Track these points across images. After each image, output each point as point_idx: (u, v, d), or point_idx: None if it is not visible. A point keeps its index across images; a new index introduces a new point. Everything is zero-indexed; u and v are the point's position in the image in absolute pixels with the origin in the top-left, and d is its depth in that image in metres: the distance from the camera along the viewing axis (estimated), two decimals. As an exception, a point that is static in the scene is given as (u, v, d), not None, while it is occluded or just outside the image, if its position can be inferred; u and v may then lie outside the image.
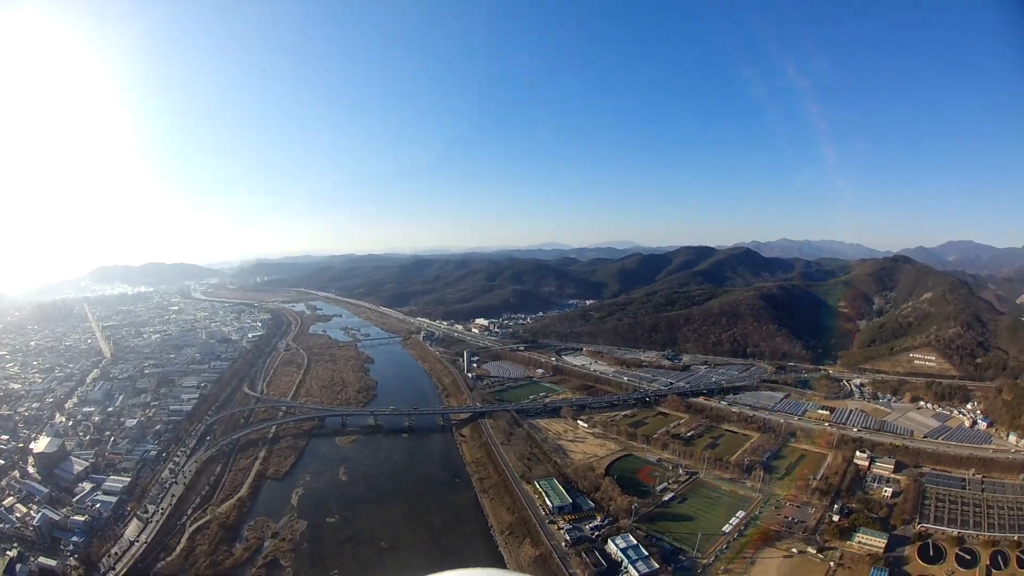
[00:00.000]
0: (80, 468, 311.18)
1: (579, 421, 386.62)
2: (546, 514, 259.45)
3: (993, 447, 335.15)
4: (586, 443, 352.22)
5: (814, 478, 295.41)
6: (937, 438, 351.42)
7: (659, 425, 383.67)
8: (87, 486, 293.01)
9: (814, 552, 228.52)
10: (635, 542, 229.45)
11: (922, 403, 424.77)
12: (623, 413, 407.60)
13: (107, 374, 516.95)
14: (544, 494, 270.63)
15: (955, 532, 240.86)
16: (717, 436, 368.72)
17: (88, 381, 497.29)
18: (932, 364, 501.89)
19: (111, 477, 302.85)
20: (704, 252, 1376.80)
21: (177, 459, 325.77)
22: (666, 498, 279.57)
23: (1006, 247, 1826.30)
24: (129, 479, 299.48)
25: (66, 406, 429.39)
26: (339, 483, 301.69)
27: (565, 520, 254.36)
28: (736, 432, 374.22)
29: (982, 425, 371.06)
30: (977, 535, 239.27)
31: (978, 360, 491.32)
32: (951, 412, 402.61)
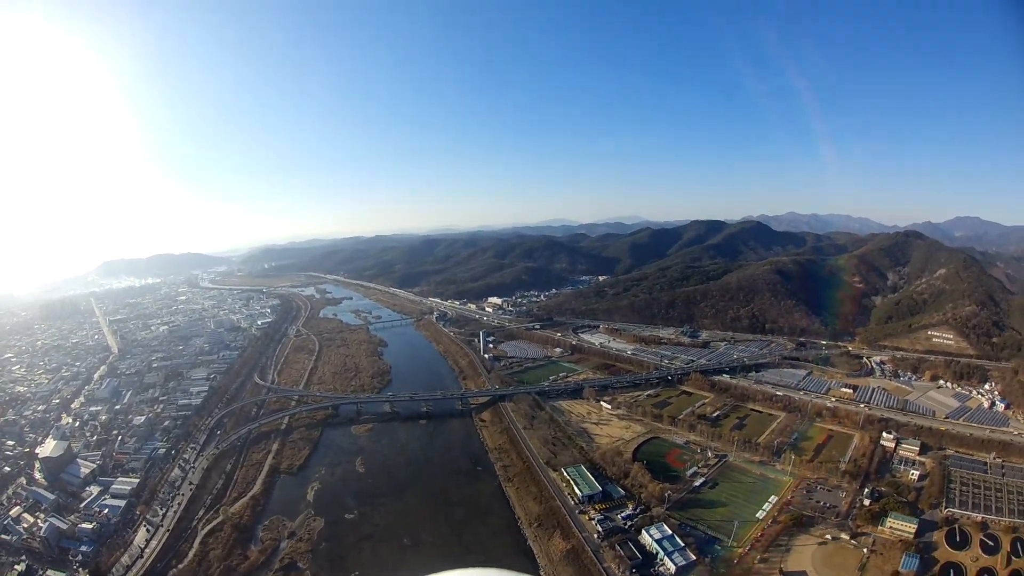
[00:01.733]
0: (87, 471, 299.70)
1: (602, 402, 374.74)
2: (576, 504, 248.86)
3: (1013, 430, 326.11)
4: (611, 425, 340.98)
5: (843, 460, 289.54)
6: (958, 419, 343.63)
7: (684, 405, 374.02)
8: (95, 490, 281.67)
9: (847, 538, 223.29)
10: (670, 532, 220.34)
11: (942, 382, 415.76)
12: (646, 393, 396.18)
13: (114, 370, 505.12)
14: (572, 482, 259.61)
15: (979, 517, 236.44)
16: (743, 416, 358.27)
17: (95, 379, 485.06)
18: (950, 342, 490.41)
19: (119, 479, 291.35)
20: (715, 226, 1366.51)
21: (187, 456, 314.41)
22: (697, 483, 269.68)
23: (1013, 224, 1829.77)
24: (138, 480, 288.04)
25: (72, 406, 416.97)
26: (356, 475, 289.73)
27: (596, 510, 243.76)
28: (761, 412, 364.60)
29: (1000, 407, 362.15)
30: (999, 520, 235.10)
31: (994, 339, 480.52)
32: (970, 392, 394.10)
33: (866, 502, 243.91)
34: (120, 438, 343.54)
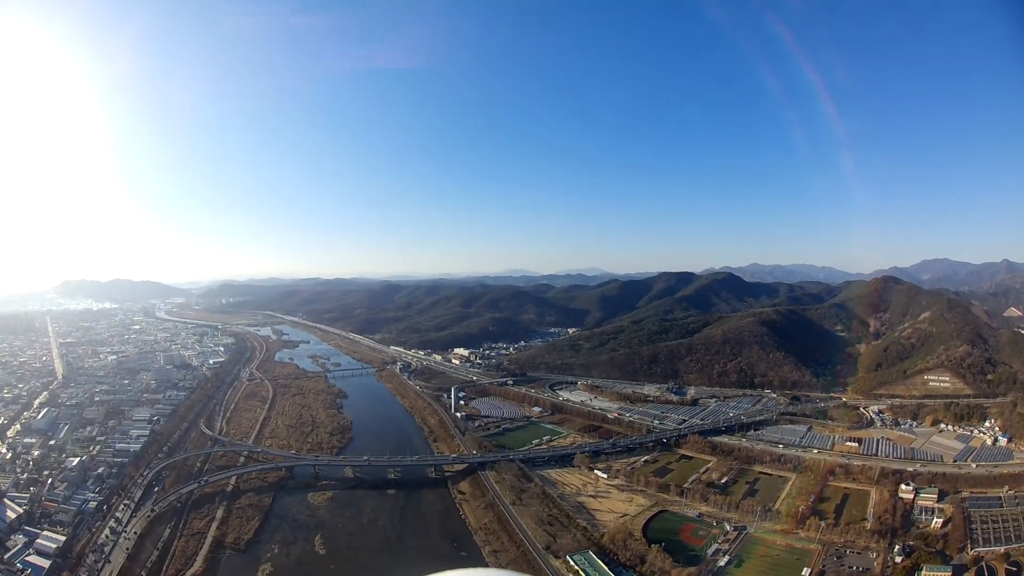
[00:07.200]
0: (14, 515, 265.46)
1: (597, 471, 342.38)
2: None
3: (1020, 462, 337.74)
4: (611, 498, 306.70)
5: (867, 519, 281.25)
6: (966, 459, 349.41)
7: (687, 471, 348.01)
8: (20, 540, 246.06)
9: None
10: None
11: (943, 425, 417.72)
12: (643, 459, 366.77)
13: (55, 399, 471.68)
14: (583, 574, 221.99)
15: (1002, 550, 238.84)
16: (753, 480, 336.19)
17: (35, 405, 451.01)
18: (947, 384, 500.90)
19: (45, 531, 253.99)
20: (685, 278, 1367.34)
21: (120, 514, 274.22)
22: (721, 563, 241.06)
23: (984, 262, 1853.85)
24: (64, 538, 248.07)
25: (8, 434, 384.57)
26: (316, 558, 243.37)
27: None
28: (771, 474, 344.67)
29: (1003, 441, 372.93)
30: (1020, 548, 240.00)
31: (988, 377, 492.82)
32: (971, 432, 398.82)
33: (898, 559, 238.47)
34: (51, 481, 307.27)
